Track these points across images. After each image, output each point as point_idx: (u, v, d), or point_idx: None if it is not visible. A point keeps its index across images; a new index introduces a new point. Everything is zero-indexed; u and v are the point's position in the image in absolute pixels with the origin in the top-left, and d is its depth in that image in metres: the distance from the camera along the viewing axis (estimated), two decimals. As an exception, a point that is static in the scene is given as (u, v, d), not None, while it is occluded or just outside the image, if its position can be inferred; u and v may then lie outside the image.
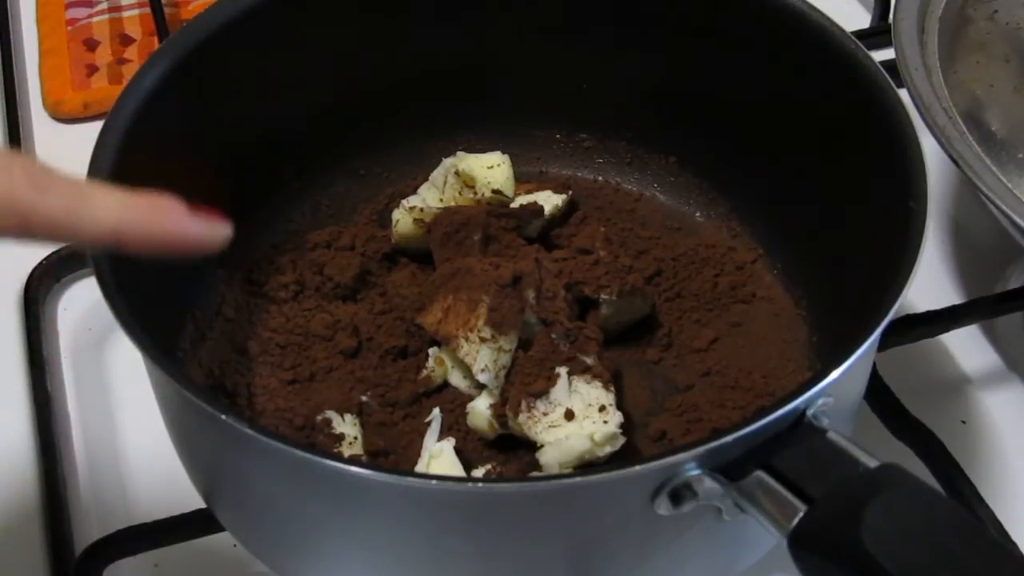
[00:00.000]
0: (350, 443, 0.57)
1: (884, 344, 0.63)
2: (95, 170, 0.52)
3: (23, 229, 0.42)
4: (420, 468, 0.56)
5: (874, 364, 0.59)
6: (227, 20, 0.60)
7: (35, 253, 0.72)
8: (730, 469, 0.43)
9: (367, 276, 0.65)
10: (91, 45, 0.91)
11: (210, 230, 0.46)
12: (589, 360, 0.56)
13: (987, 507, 0.59)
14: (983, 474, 0.63)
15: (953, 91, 0.64)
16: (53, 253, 0.72)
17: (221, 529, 0.57)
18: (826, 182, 0.61)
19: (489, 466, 0.57)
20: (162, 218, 0.45)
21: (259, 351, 0.62)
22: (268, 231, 0.66)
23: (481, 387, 0.57)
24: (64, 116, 0.86)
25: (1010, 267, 0.74)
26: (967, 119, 0.63)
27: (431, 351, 0.60)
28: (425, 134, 0.70)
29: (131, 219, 0.44)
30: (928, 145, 0.54)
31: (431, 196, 0.66)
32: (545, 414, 0.54)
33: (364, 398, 0.60)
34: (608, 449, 0.53)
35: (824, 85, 0.59)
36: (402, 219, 0.65)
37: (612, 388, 0.55)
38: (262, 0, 0.61)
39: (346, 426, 0.58)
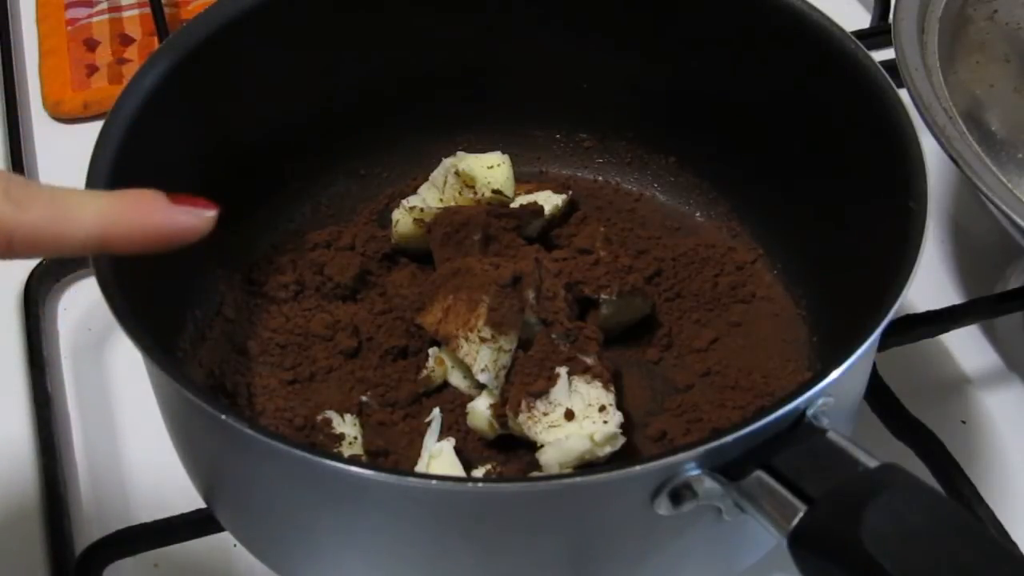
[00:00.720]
0: (350, 443, 0.57)
1: (884, 344, 0.63)
2: (95, 170, 0.52)
3: (7, 248, 0.41)
4: (420, 468, 0.56)
5: (874, 364, 0.59)
6: (227, 20, 0.60)
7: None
8: (730, 469, 0.43)
9: (367, 276, 0.65)
10: (91, 45, 0.90)
11: (195, 216, 0.45)
12: (589, 360, 0.56)
13: (987, 507, 0.59)
14: (983, 474, 0.63)
15: (953, 91, 0.64)
16: (53, 253, 0.72)
17: (221, 529, 0.56)
18: (826, 182, 0.61)
19: (489, 466, 0.57)
20: (146, 212, 0.44)
21: (259, 351, 0.62)
22: (268, 231, 0.66)
23: (481, 387, 0.57)
24: (64, 116, 0.86)
25: (1010, 267, 0.74)
26: (967, 119, 0.63)
27: (431, 351, 0.60)
28: (425, 134, 0.70)
29: (115, 220, 0.43)
30: (928, 145, 0.54)
31: (431, 196, 0.66)
32: (545, 414, 0.54)
33: (364, 398, 0.60)
34: (608, 449, 0.53)
35: (824, 85, 0.59)
36: (402, 219, 0.65)
37: (612, 388, 0.55)
38: (262, 0, 0.61)
39: (346, 426, 0.58)
